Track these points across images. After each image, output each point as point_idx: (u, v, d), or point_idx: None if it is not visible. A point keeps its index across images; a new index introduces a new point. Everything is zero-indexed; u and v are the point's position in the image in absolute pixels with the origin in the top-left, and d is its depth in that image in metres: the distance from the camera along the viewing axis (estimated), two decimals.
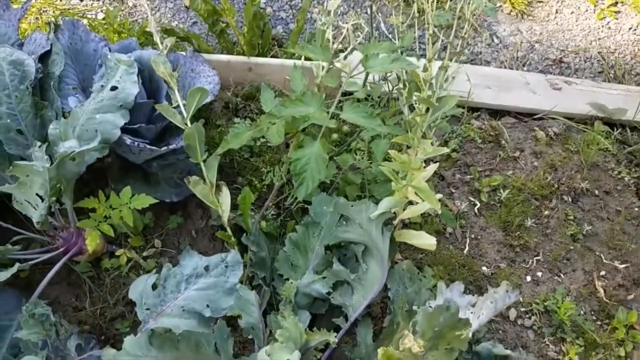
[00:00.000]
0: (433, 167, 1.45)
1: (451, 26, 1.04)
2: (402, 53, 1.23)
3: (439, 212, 1.40)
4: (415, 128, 1.26)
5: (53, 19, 2.04)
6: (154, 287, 1.25)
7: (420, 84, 1.17)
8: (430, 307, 1.21)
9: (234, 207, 1.72)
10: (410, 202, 1.48)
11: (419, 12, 1.09)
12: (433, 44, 1.10)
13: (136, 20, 2.43)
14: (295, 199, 1.82)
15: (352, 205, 1.46)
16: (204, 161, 1.62)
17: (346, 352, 1.54)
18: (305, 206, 1.77)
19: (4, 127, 1.46)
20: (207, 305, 1.23)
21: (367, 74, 1.37)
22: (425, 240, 1.48)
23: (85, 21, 2.35)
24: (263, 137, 1.94)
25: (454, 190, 2.05)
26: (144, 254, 1.73)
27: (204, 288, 1.25)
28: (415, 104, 1.22)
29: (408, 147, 1.33)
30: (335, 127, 1.23)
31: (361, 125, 1.23)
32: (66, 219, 1.59)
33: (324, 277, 1.56)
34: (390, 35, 2.01)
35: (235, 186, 1.86)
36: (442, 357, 1.20)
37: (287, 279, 1.60)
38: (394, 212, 1.48)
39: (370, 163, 1.57)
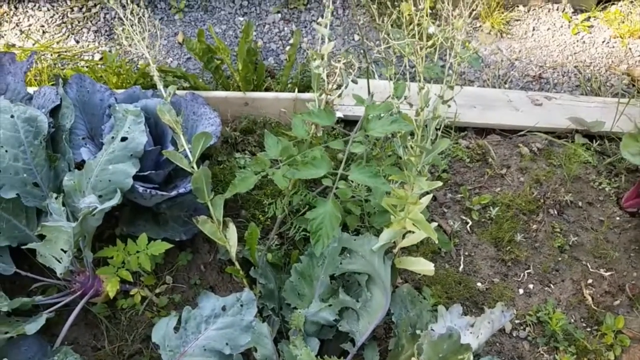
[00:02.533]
0: (427, 198, 1.55)
1: (440, 80, 1.14)
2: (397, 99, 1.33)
3: (436, 241, 1.50)
4: (410, 167, 1.37)
5: (60, 74, 2.11)
6: (176, 329, 1.34)
7: (415, 130, 1.28)
8: (433, 330, 1.31)
9: (240, 240, 1.81)
10: (409, 231, 1.58)
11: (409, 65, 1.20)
12: (424, 94, 1.20)
13: (132, 59, 2.52)
14: (298, 229, 1.92)
15: (354, 240, 1.56)
16: (211, 200, 1.72)
17: None
18: (307, 235, 1.86)
19: (21, 181, 1.55)
20: (227, 344, 1.32)
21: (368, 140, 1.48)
22: (424, 267, 1.58)
23: (83, 63, 2.44)
24: (263, 170, 2.04)
25: (446, 210, 2.16)
26: (157, 290, 1.81)
27: (223, 327, 1.34)
28: (410, 147, 1.32)
29: (404, 183, 1.43)
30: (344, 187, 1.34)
31: (367, 185, 1.33)
32: (82, 264, 1.67)
33: (330, 305, 1.65)
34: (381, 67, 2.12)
35: (239, 220, 1.96)
36: None
37: (295, 308, 1.69)
38: (394, 242, 1.58)
39: (368, 195, 1.67)
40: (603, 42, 2.84)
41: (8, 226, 1.56)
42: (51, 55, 2.46)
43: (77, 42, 2.57)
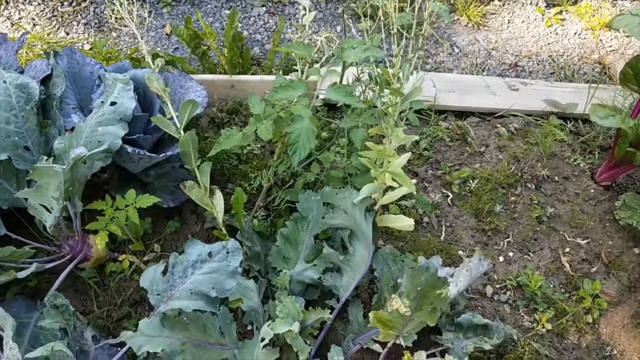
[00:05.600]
0: (406, 155, 1.62)
1: (411, 26, 1.22)
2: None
3: (414, 193, 1.56)
4: (387, 118, 1.44)
5: (48, 50, 2.17)
6: (163, 274, 1.38)
7: (389, 79, 1.35)
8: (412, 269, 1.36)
9: (227, 210, 1.86)
10: (388, 190, 1.64)
11: (384, 16, 1.27)
12: (398, 41, 1.28)
13: (121, 49, 2.59)
14: (283, 200, 1.97)
15: (336, 193, 1.61)
16: (198, 167, 1.77)
17: (340, 332, 1.67)
18: (293, 206, 1.92)
19: (13, 144, 1.59)
20: (213, 287, 1.36)
21: (344, 67, 1.54)
22: (404, 222, 1.64)
23: None
24: (249, 145, 2.10)
25: (427, 185, 2.22)
26: (145, 258, 1.85)
27: (209, 272, 1.38)
28: (386, 97, 1.39)
29: (383, 137, 1.50)
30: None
31: (342, 102, 1.39)
32: (71, 230, 1.71)
33: (314, 265, 1.70)
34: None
35: (227, 191, 2.01)
36: (426, 317, 1.35)
37: (281, 271, 1.74)
38: (374, 199, 1.64)
39: (350, 161, 1.73)
40: (575, 33, 2.97)
41: None
42: (42, 45, 2.53)
43: (67, 33, 2.64)
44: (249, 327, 1.74)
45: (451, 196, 2.18)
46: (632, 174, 2.33)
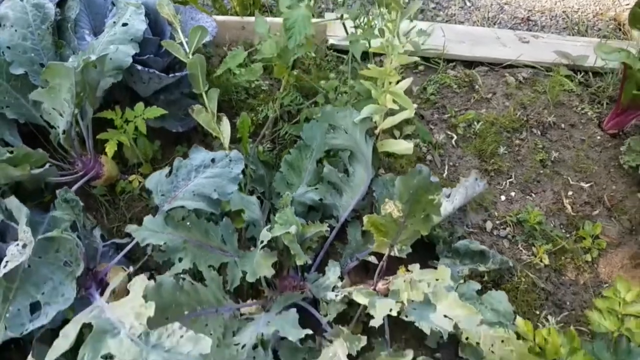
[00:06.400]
0: (407, 81, 1.65)
1: None
2: None
3: (415, 122, 1.59)
4: (388, 37, 1.47)
5: None
6: (168, 177, 1.44)
7: None
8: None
9: (233, 141, 1.91)
10: (389, 114, 1.68)
11: None
12: None
13: None
14: (288, 133, 2.02)
15: (337, 112, 1.65)
16: (206, 92, 1.83)
17: (339, 251, 1.72)
18: (298, 139, 1.97)
19: (29, 60, 1.66)
20: (215, 190, 1.42)
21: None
22: (403, 146, 1.67)
23: None
24: (257, 80, 2.15)
25: (432, 127, 2.25)
26: None
27: (212, 176, 1.44)
28: (387, 12, 1.43)
29: (384, 55, 1.53)
30: None
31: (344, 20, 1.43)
32: (84, 149, 1.78)
33: (316, 188, 1.75)
34: None
35: (234, 122, 2.06)
36: (419, 225, 1.39)
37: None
38: (375, 122, 1.68)
39: (354, 86, 1.77)
40: None
41: (16, 103, 1.67)
42: None
43: None
44: (252, 248, 1.80)
45: (455, 137, 2.21)
46: (639, 123, 2.32)
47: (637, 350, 1.43)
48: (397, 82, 1.60)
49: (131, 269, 1.45)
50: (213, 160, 1.46)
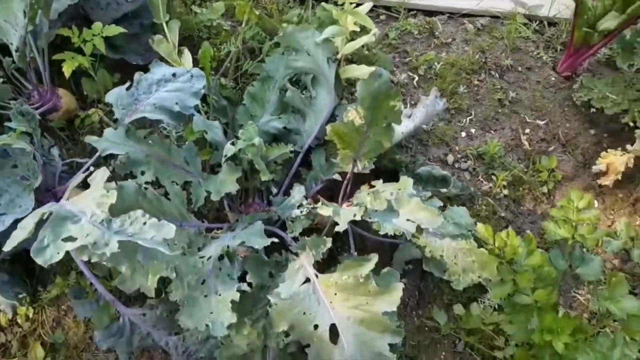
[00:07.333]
0: (368, 4, 1.67)
1: None
2: None
3: (374, 38, 1.61)
4: None
5: None
6: (128, 89, 1.42)
7: None
8: None
9: None
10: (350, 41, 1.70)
11: None
12: None
13: None
14: (250, 70, 2.01)
15: (299, 32, 1.66)
16: (167, 23, 1.80)
17: (303, 176, 1.73)
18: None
19: None
20: (176, 103, 1.40)
21: None
22: (365, 71, 1.69)
23: None
24: (218, 19, 2.13)
25: (394, 69, 2.28)
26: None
27: (173, 90, 1.42)
28: None
29: None
30: None
31: None
32: (40, 81, 1.73)
33: (279, 117, 1.75)
34: None
35: (195, 58, 2.04)
36: (381, 135, 1.41)
37: None
38: (337, 47, 1.69)
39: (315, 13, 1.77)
40: None
41: None
42: None
43: None
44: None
45: (417, 78, 2.25)
46: (590, 67, 2.41)
47: (589, 256, 1.50)
48: (357, 6, 1.61)
49: None
50: (174, 75, 1.44)
